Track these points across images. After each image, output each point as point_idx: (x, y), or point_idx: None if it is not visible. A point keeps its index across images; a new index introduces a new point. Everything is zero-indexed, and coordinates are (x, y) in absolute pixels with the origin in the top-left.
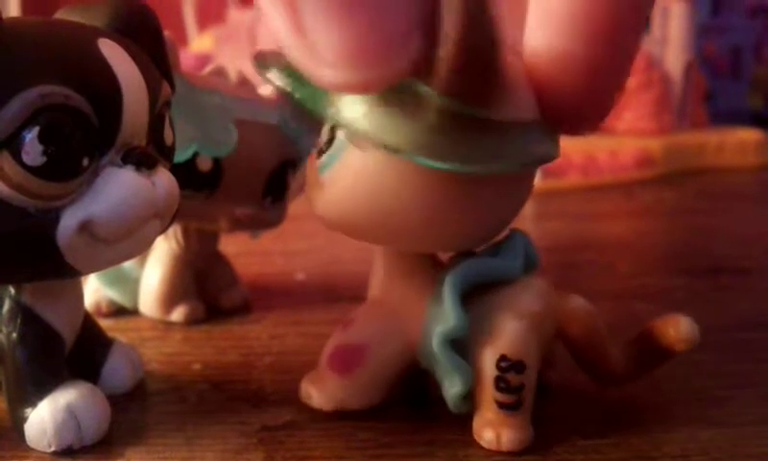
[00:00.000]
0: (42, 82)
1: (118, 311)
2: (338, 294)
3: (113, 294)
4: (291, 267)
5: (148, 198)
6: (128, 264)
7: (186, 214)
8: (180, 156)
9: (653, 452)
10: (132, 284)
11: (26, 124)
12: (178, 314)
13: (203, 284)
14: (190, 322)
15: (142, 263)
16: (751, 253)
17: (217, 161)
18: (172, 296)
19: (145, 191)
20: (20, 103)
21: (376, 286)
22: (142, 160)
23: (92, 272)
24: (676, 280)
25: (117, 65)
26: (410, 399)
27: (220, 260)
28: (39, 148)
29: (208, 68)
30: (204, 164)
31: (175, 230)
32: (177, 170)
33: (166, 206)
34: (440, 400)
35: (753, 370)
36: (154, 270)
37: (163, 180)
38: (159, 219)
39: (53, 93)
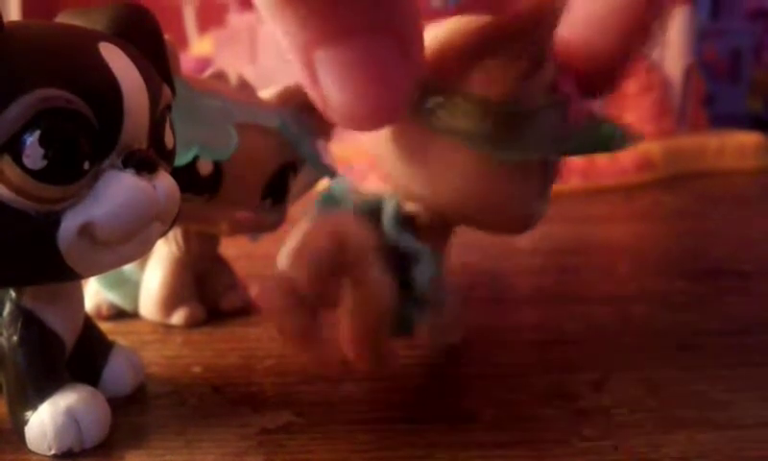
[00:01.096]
0: (43, 85)
1: (118, 314)
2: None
3: (114, 297)
4: None
5: (149, 201)
6: (128, 267)
7: (187, 218)
8: (181, 159)
9: (652, 455)
10: (132, 287)
11: (27, 127)
12: (178, 317)
13: (202, 287)
14: (190, 325)
15: (142, 266)
16: (751, 256)
17: (217, 165)
18: (172, 299)
19: (146, 194)
20: (21, 106)
21: None
22: (143, 164)
23: (93, 275)
24: (676, 284)
25: (118, 69)
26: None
27: (220, 263)
28: (40, 151)
29: (209, 71)
30: (205, 168)
31: (175, 234)
32: (177, 174)
33: (167, 210)
34: (439, 402)
35: (752, 373)
36: (154, 273)
37: (164, 183)
38: (161, 222)
39: (54, 97)
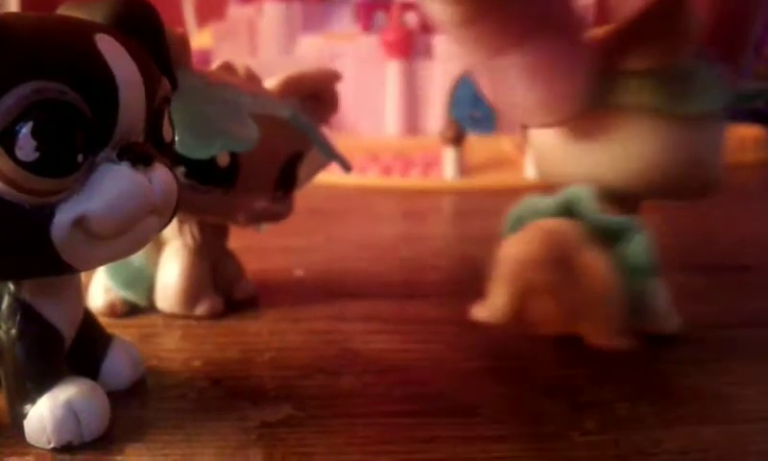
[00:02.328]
0: (37, 77)
1: (132, 310)
2: (336, 290)
3: (128, 295)
4: (290, 264)
5: (143, 195)
6: (138, 264)
7: (207, 209)
8: (207, 151)
9: (652, 449)
10: (144, 283)
11: (19, 119)
12: (201, 309)
13: (215, 278)
14: (213, 316)
15: (155, 262)
16: (751, 250)
17: (234, 157)
18: (194, 290)
19: (140, 188)
20: (13, 98)
21: None
22: (138, 157)
23: (88, 269)
24: (676, 278)
25: (114, 61)
26: None
27: (229, 255)
28: (33, 143)
29: (216, 63)
30: (223, 160)
31: (190, 226)
32: (198, 166)
33: (163, 203)
34: (439, 396)
35: (753, 367)
36: (171, 267)
37: (160, 176)
38: (157, 216)
39: (47, 89)
